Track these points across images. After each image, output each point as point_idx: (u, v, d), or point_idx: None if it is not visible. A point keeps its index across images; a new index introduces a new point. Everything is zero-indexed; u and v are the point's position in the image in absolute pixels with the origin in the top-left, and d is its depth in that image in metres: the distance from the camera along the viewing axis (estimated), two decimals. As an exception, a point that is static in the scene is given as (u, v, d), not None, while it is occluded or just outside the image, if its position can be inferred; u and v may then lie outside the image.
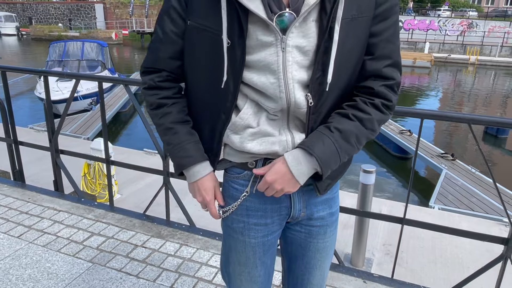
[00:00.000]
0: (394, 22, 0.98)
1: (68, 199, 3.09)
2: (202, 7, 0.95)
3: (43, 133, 7.82)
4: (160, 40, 1.04)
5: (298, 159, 0.97)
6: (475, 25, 33.38)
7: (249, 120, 1.00)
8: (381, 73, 0.98)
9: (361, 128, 0.99)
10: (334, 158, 0.98)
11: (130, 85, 2.80)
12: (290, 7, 0.91)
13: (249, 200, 1.10)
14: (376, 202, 4.87)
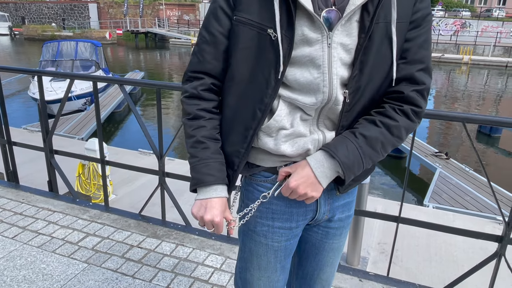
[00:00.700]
0: (427, 30, 1.00)
1: (63, 199, 3.07)
2: (250, 3, 0.96)
3: (36, 134, 7.76)
4: (206, 41, 1.04)
5: (321, 161, 0.98)
6: (468, 25, 33.61)
7: (283, 121, 1.00)
8: (413, 76, 0.99)
9: (387, 135, 0.99)
10: (358, 164, 0.98)
11: (125, 85, 2.79)
12: (336, 5, 0.94)
13: (275, 203, 1.09)
14: (371, 201, 4.89)
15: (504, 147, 11.35)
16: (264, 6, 0.94)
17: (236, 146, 1.06)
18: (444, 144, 11.45)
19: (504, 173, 8.95)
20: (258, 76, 0.98)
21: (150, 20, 41.56)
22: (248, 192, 1.13)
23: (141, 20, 40.22)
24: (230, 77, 1.05)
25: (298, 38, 0.94)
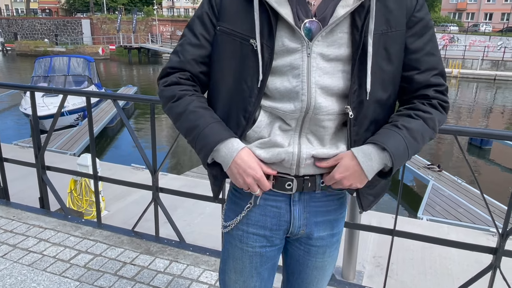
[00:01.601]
0: (432, 36, 1.03)
1: (54, 216, 3.02)
2: (233, 13, 0.99)
3: (28, 150, 7.67)
4: (190, 42, 1.05)
5: (369, 155, 0.98)
6: (456, 39, 34.31)
7: (263, 132, 1.02)
8: (430, 82, 1.02)
9: (425, 127, 1.01)
10: (404, 154, 0.98)
11: (118, 100, 2.79)
12: (316, 16, 0.95)
13: (251, 210, 1.11)
14: (365, 214, 4.88)
15: (495, 159, 11.48)
16: (246, 17, 0.97)
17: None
18: (436, 156, 11.55)
19: (496, 184, 9.03)
20: (242, 85, 1.00)
21: (143, 35, 41.82)
22: (229, 198, 1.16)
23: (134, 36, 40.44)
24: (215, 86, 1.07)
25: (279, 48, 0.97)
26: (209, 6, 1.03)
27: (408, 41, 1.00)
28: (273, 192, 1.08)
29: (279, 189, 1.06)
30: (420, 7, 1.00)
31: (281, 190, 1.06)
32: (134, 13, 42.54)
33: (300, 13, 0.95)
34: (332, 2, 0.95)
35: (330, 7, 0.95)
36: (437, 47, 1.04)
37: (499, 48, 31.89)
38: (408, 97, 1.06)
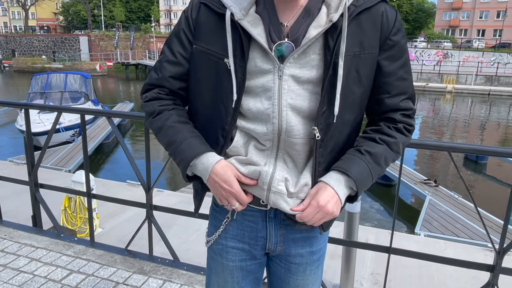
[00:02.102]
0: (406, 60, 1.03)
1: (47, 235, 2.98)
2: (208, 31, 1.00)
3: (23, 166, 7.62)
4: (167, 60, 1.07)
5: (338, 180, 0.99)
6: (450, 55, 34.82)
7: (240, 151, 1.03)
8: (399, 106, 1.04)
9: (389, 151, 1.03)
10: (367, 179, 1.00)
11: (112, 117, 2.79)
12: (289, 37, 0.95)
13: (230, 224, 1.12)
14: (362, 230, 4.85)
15: (491, 174, 11.50)
16: (220, 36, 0.98)
17: None
18: (432, 171, 11.56)
19: (494, 199, 9.01)
20: (218, 104, 1.01)
21: (141, 52, 42.16)
22: (212, 215, 1.19)
23: (132, 52, 40.76)
24: (193, 103, 1.09)
25: (252, 68, 0.97)
26: (186, 23, 1.05)
27: (382, 63, 0.99)
28: (250, 207, 1.08)
29: (255, 205, 1.07)
30: (397, 30, 0.99)
31: (256, 205, 1.07)
32: (132, 30, 42.98)
33: (273, 34, 0.95)
34: (305, 23, 0.95)
35: (303, 28, 0.95)
36: (409, 70, 1.04)
37: (492, 63, 32.36)
38: (375, 118, 1.07)
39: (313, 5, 0.96)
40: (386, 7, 0.99)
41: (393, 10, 1.00)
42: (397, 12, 1.01)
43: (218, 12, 0.98)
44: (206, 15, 1.01)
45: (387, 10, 0.99)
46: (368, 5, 0.95)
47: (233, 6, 0.96)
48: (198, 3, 1.04)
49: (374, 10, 0.97)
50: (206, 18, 1.01)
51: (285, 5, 0.97)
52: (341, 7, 0.92)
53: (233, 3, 0.96)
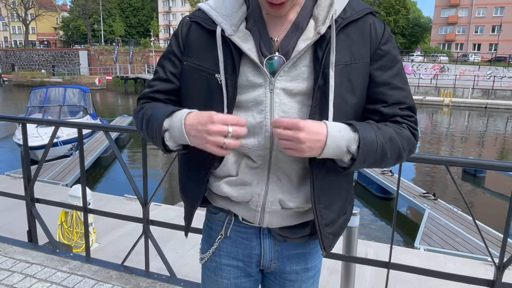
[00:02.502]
0: (399, 69, 1.01)
1: (42, 250, 2.94)
2: (198, 48, 1.02)
3: (19, 180, 7.57)
4: (159, 77, 1.09)
5: (339, 127, 0.91)
6: (446, 69, 35.14)
7: (230, 170, 1.02)
8: (397, 113, 0.99)
9: (395, 135, 0.96)
10: (372, 146, 0.91)
11: (110, 131, 2.78)
12: (279, 51, 0.96)
13: (223, 241, 1.11)
14: (361, 244, 4.80)
15: (490, 187, 11.48)
16: (211, 52, 0.99)
17: (193, 186, 1.08)
18: (431, 184, 11.54)
19: (493, 213, 8.98)
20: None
21: (140, 66, 42.44)
22: (203, 229, 1.18)
23: (131, 67, 41.01)
24: None
25: (243, 83, 0.97)
26: (176, 43, 1.07)
27: (374, 73, 0.98)
28: (243, 224, 1.08)
29: (249, 221, 1.06)
30: (386, 41, 0.99)
31: (250, 222, 1.06)
32: (131, 45, 43.33)
33: (264, 49, 0.96)
34: (294, 37, 0.96)
35: (292, 41, 0.96)
36: (405, 81, 1.02)
37: (489, 77, 32.65)
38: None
39: (302, 19, 0.97)
40: (374, 19, 1.00)
41: (381, 22, 1.01)
42: (385, 24, 1.02)
43: (208, 29, 1.00)
44: (196, 32, 1.03)
45: (375, 22, 0.99)
46: (356, 17, 0.97)
47: (223, 22, 0.97)
48: (188, 21, 1.06)
49: (361, 22, 0.98)
50: (196, 35, 1.03)
51: (275, 21, 0.99)
52: (328, 20, 0.94)
53: (223, 19, 0.98)
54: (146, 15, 70.00)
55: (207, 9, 1.02)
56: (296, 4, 0.98)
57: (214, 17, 0.99)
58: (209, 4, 1.04)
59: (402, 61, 1.05)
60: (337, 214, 1.06)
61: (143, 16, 70.30)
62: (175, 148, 0.99)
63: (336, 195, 1.05)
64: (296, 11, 0.98)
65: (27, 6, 58.29)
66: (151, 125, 1.00)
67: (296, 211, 1.05)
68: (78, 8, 63.46)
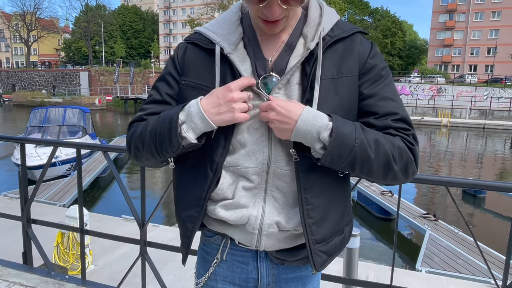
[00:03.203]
0: (388, 82, 1.01)
1: (37, 272, 2.88)
2: (196, 68, 1.03)
3: (16, 201, 7.51)
4: (154, 100, 1.08)
5: (316, 113, 0.92)
6: (444, 89, 35.50)
7: (226, 193, 1.02)
8: (390, 125, 0.97)
9: (383, 140, 0.93)
10: (348, 139, 0.89)
11: (109, 152, 2.78)
12: (273, 70, 0.99)
13: (219, 265, 1.09)
14: (362, 266, 4.73)
15: (490, 208, 11.40)
16: (210, 71, 1.00)
17: (190, 211, 1.05)
18: (431, 205, 11.46)
19: (493, 233, 8.89)
20: (208, 135, 1.00)
21: (140, 87, 42.83)
22: (198, 253, 1.16)
23: (131, 87, 41.38)
24: None
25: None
26: (172, 65, 1.08)
27: (363, 87, 1.00)
28: (240, 247, 1.06)
29: (245, 244, 1.04)
30: (374, 55, 1.02)
31: (246, 245, 1.04)
32: (132, 66, 43.84)
33: (259, 69, 0.99)
34: (287, 57, 1.00)
35: (285, 60, 0.99)
36: (395, 93, 1.01)
37: (486, 98, 32.96)
38: None
39: (294, 39, 1.01)
40: (361, 37, 1.03)
41: (368, 41, 1.04)
42: (372, 42, 1.05)
43: (206, 48, 1.02)
44: (193, 52, 1.05)
45: (362, 40, 1.03)
46: (343, 35, 1.00)
47: (221, 41, 1.00)
48: (185, 43, 1.08)
49: (349, 40, 1.01)
50: (194, 55, 1.05)
51: (268, 42, 1.02)
52: (317, 37, 0.97)
53: (221, 39, 1.00)
54: (147, 37, 71.15)
55: (204, 30, 1.05)
56: (289, 25, 1.01)
57: (212, 36, 1.02)
58: (206, 26, 1.07)
59: (391, 75, 1.05)
60: (330, 232, 1.03)
61: (144, 38, 71.45)
62: (193, 140, 0.96)
63: (329, 212, 1.02)
64: (288, 32, 1.02)
65: (29, 28, 59.26)
66: (160, 128, 0.97)
67: (293, 233, 1.04)
68: (80, 30, 64.50)
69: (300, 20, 1.04)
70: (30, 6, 60.58)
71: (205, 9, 46.34)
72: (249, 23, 1.05)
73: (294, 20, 1.02)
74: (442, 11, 54.38)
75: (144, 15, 74.95)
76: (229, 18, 1.05)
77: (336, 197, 1.05)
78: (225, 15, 1.07)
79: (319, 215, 0.99)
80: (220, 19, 1.07)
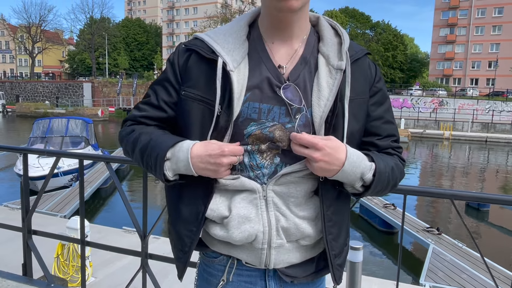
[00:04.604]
0: (389, 105, 1.09)
1: (36, 284, 2.85)
2: (198, 79, 0.99)
3: (17, 211, 7.48)
4: (151, 103, 1.06)
5: (358, 154, 0.96)
6: (445, 103, 35.54)
7: (220, 209, 0.99)
8: (391, 146, 1.08)
9: (394, 166, 1.02)
10: (384, 175, 0.98)
11: (111, 162, 2.77)
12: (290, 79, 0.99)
13: (224, 286, 1.03)
14: (365, 280, 4.66)
15: (494, 221, 11.30)
16: (210, 82, 0.97)
17: (189, 225, 1.02)
18: (433, 218, 11.36)
19: (497, 248, 8.79)
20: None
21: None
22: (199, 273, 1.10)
23: (134, 99, 41.61)
24: None
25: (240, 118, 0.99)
26: (172, 71, 1.04)
27: (371, 108, 1.04)
28: (246, 266, 1.02)
29: (253, 263, 1.01)
30: (379, 79, 1.07)
31: (254, 264, 1.01)
32: (135, 77, 44.16)
33: (272, 79, 0.97)
34: (304, 70, 0.99)
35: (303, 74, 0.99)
36: (393, 116, 1.11)
37: (487, 111, 32.96)
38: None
39: (309, 55, 1.01)
40: (369, 59, 1.08)
41: (373, 63, 1.09)
42: (376, 64, 1.10)
43: (208, 58, 0.98)
44: (194, 61, 1.00)
45: (370, 62, 1.07)
46: (357, 56, 1.02)
47: (226, 56, 0.96)
48: (185, 49, 1.03)
49: (361, 61, 1.04)
50: (194, 64, 1.00)
51: (280, 50, 1.00)
52: (344, 56, 0.98)
53: (225, 53, 0.96)
54: (150, 49, 71.83)
55: (207, 39, 1.00)
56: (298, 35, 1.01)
57: (217, 48, 0.97)
58: (209, 35, 1.01)
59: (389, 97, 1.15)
60: (342, 245, 1.07)
61: (147, 50, 72.13)
62: (172, 178, 0.98)
63: (342, 226, 1.06)
64: (299, 44, 1.01)
65: (34, 40, 59.95)
66: (148, 152, 0.98)
67: (302, 245, 1.02)
68: (84, 42, 65.18)
69: (311, 35, 1.03)
70: (35, 19, 61.48)
71: (208, 22, 46.87)
72: (258, 33, 1.02)
73: (303, 30, 1.01)
74: (443, 25, 54.83)
75: (148, 27, 75.79)
76: (236, 32, 1.00)
77: (346, 212, 1.09)
78: (232, 28, 1.02)
79: (336, 230, 1.03)
80: (226, 30, 1.02)
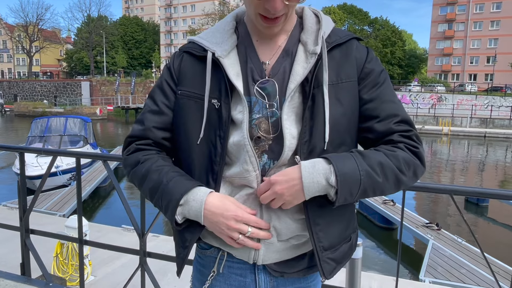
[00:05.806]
0: (387, 86, 1.02)
1: (35, 284, 2.84)
2: (192, 77, 1.03)
3: (16, 211, 7.47)
4: (151, 110, 1.06)
5: (313, 162, 0.91)
6: (444, 98, 35.57)
7: None
8: (393, 129, 0.97)
9: (386, 159, 0.92)
10: (354, 175, 0.89)
11: (109, 161, 2.75)
12: (271, 75, 0.99)
13: (216, 278, 1.05)
14: (365, 276, 4.67)
15: (493, 217, 11.33)
16: (202, 79, 1.00)
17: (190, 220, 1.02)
18: (433, 214, 11.38)
19: (497, 243, 8.82)
20: (208, 144, 0.99)
21: (141, 96, 43.00)
22: (196, 268, 1.11)
23: (132, 97, 41.56)
24: (180, 150, 1.06)
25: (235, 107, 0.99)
26: (168, 74, 1.07)
27: (362, 92, 1.00)
28: (237, 259, 1.02)
29: (242, 258, 1.01)
30: (370, 59, 1.02)
31: (245, 259, 1.01)
32: (133, 76, 44.08)
33: (255, 73, 0.99)
34: (285, 62, 1.00)
35: (284, 66, 1.00)
36: (395, 95, 1.02)
37: (486, 106, 33.01)
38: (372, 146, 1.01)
39: (291, 46, 1.02)
40: (357, 43, 1.04)
41: (364, 46, 1.05)
42: (368, 47, 1.05)
43: (200, 55, 1.02)
44: (188, 61, 1.05)
45: (358, 45, 1.04)
46: (340, 41, 1.01)
47: (213, 47, 1.00)
48: (180, 52, 1.09)
49: (345, 46, 1.02)
50: (189, 64, 1.05)
51: (265, 47, 1.03)
52: (320, 41, 0.97)
53: (213, 46, 1.01)
54: (148, 47, 71.67)
55: (197, 39, 1.06)
56: (285, 30, 1.02)
57: (205, 43, 1.02)
58: (199, 35, 1.08)
59: (389, 78, 1.06)
60: (337, 239, 1.02)
61: (145, 48, 71.97)
62: (180, 221, 0.98)
63: (335, 218, 1.01)
64: (284, 38, 1.03)
65: (32, 39, 59.77)
66: (159, 196, 0.98)
67: (293, 244, 1.01)
68: (81, 41, 65.02)
69: (295, 27, 1.04)
70: (32, 18, 61.30)
71: (206, 19, 46.77)
72: (245, 30, 1.05)
73: (290, 24, 1.03)
74: (441, 20, 54.78)
75: (146, 25, 75.62)
76: (222, 27, 1.05)
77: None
78: (219, 25, 1.07)
79: (325, 222, 0.98)
80: (213, 28, 1.07)
